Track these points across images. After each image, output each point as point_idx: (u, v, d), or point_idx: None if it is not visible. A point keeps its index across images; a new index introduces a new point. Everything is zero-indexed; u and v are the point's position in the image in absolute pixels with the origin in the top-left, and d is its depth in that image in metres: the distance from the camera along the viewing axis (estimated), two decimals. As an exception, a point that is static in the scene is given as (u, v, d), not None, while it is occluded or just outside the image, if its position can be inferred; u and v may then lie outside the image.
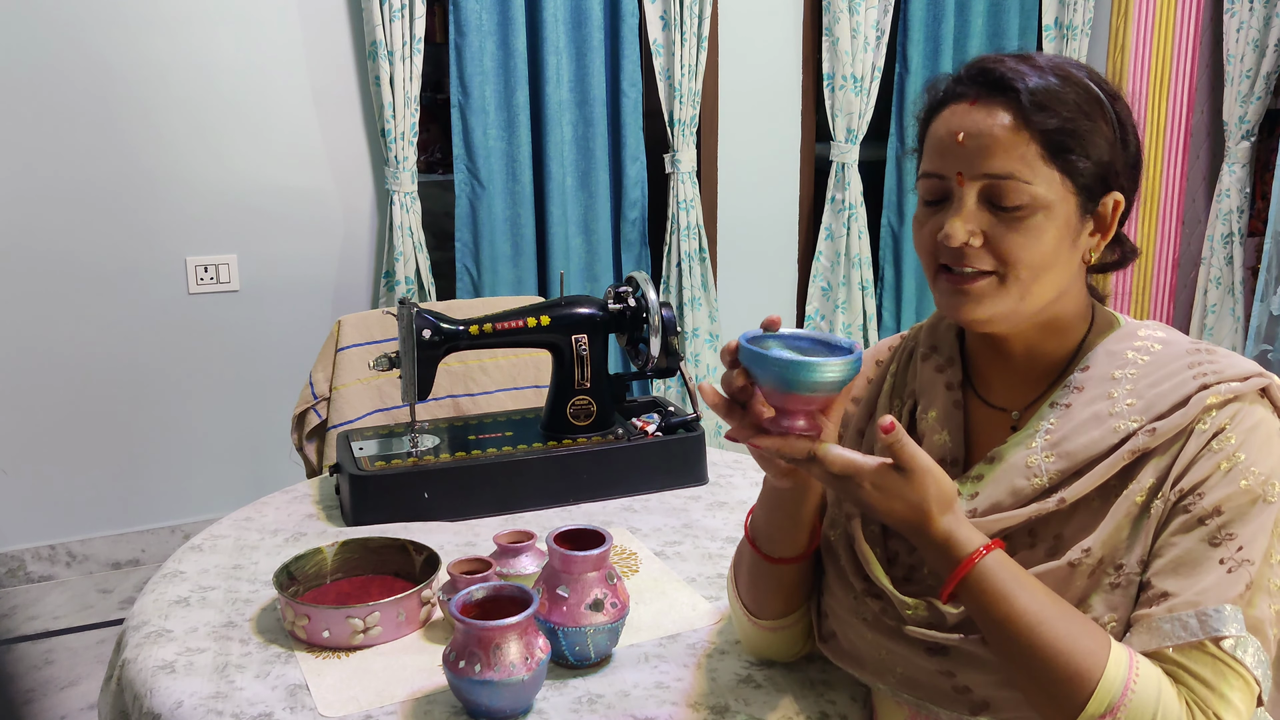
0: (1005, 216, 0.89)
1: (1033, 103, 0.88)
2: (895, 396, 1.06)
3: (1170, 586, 0.85)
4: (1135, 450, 0.88)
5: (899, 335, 1.13)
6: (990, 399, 1.00)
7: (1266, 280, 3.30)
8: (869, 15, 3.32)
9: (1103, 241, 0.94)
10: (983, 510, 0.93)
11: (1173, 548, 0.86)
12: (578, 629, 1.06)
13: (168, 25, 2.66)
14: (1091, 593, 0.87)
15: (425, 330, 1.53)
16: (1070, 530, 0.90)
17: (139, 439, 2.84)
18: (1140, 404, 0.89)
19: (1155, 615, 0.84)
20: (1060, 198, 0.89)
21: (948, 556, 0.87)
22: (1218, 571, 0.84)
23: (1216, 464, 0.86)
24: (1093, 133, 0.90)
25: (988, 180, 0.89)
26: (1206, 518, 0.85)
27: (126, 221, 2.72)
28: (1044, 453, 0.91)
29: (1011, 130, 0.88)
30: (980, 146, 0.89)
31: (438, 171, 4.23)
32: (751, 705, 1.04)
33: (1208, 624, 0.82)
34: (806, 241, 3.59)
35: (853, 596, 0.99)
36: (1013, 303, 0.91)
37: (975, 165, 0.89)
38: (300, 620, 1.14)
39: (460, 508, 1.51)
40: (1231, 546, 0.84)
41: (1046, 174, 0.88)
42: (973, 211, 0.90)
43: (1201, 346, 0.93)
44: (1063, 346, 0.97)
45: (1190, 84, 3.51)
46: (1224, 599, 0.83)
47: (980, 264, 0.91)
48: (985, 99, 0.90)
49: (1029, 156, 0.88)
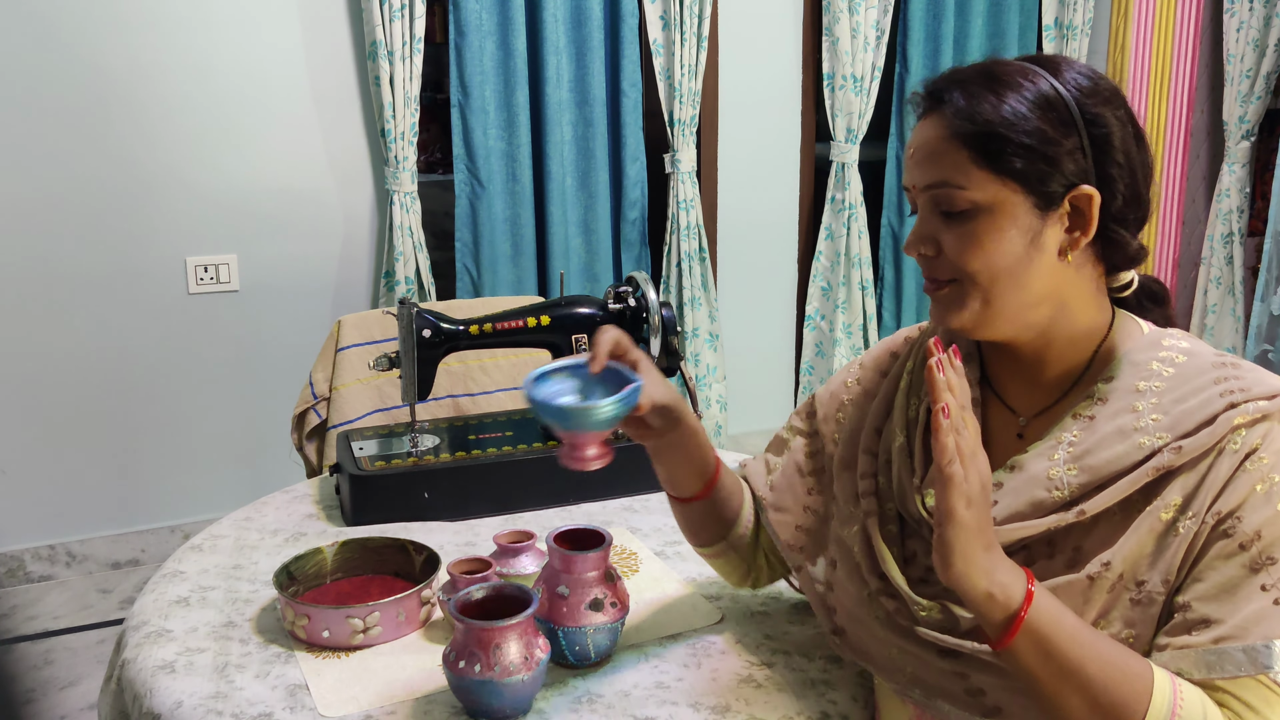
0: (952, 224, 0.91)
1: (955, 111, 0.90)
2: (913, 394, 1.05)
3: (1213, 613, 0.83)
4: (1160, 468, 0.87)
5: (916, 327, 1.12)
6: (1007, 401, 1.00)
7: (1266, 280, 3.30)
8: (869, 15, 3.32)
9: (1083, 238, 0.91)
10: (1001, 519, 0.92)
11: (1213, 572, 0.84)
12: (578, 629, 1.06)
13: (168, 25, 2.66)
14: (1111, 608, 0.86)
15: (425, 330, 1.53)
16: (1090, 543, 0.89)
17: (139, 439, 2.84)
18: (1166, 420, 0.88)
19: (1199, 646, 0.83)
20: (1003, 199, 0.89)
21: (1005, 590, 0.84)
22: (1261, 599, 0.82)
23: (1253, 486, 0.84)
24: (1031, 135, 0.88)
25: (929, 190, 0.92)
26: (1247, 543, 0.83)
27: (126, 222, 2.72)
28: (1066, 465, 0.90)
29: (943, 139, 0.91)
30: (921, 158, 0.93)
31: (438, 171, 4.23)
32: (751, 705, 1.04)
33: (1257, 660, 0.81)
34: (806, 241, 3.59)
35: (866, 594, 0.99)
36: (980, 307, 0.92)
37: (919, 177, 0.93)
38: (300, 620, 1.14)
39: (460, 508, 1.51)
40: (1275, 572, 0.82)
41: (980, 177, 0.89)
42: (925, 221, 0.94)
43: (1227, 360, 0.91)
44: (1075, 354, 0.95)
45: (1190, 84, 3.51)
46: (1272, 635, 0.81)
47: (939, 273, 0.94)
48: (927, 113, 0.94)
49: (960, 163, 0.90)
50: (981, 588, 0.83)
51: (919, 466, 1.00)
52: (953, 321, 0.94)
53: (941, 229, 0.92)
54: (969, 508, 0.83)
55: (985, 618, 0.85)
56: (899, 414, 1.04)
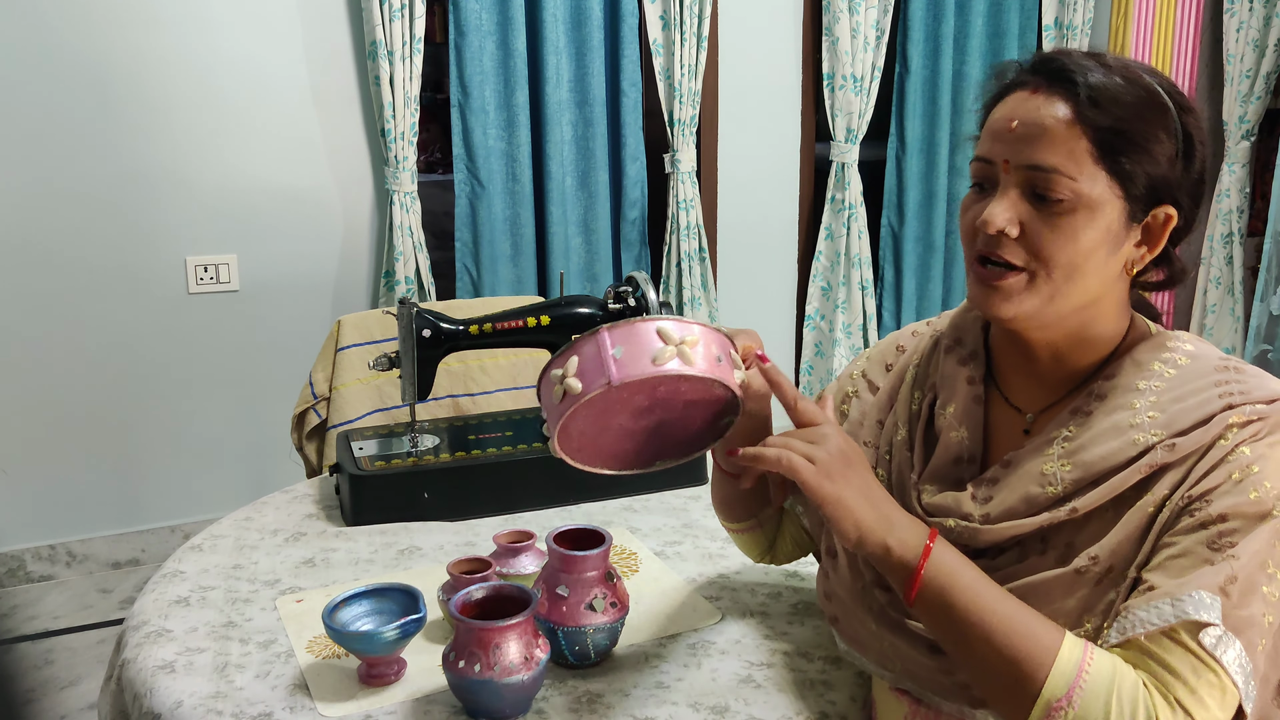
0: (1045, 210, 0.87)
1: (1090, 98, 0.86)
2: (917, 388, 1.04)
3: (1156, 580, 0.83)
4: (1153, 465, 0.86)
5: (925, 321, 1.12)
6: (1011, 398, 0.99)
7: (1266, 280, 3.30)
8: (869, 15, 3.32)
9: (1149, 255, 0.91)
10: (995, 516, 0.92)
11: (1169, 547, 0.84)
12: (578, 629, 1.06)
13: (168, 25, 2.66)
14: (1097, 602, 0.86)
15: (425, 330, 1.53)
16: (1082, 539, 0.88)
17: (139, 439, 2.84)
18: (1163, 418, 0.87)
19: (1131, 605, 0.83)
20: (1105, 200, 0.87)
21: (903, 545, 0.88)
22: (1202, 569, 0.82)
23: (1229, 474, 0.84)
24: (1150, 140, 0.87)
25: (1032, 171, 0.88)
26: (1210, 523, 0.83)
27: (126, 221, 2.72)
28: (1060, 461, 0.90)
29: (1064, 123, 0.87)
30: (1030, 135, 0.88)
31: (438, 171, 4.23)
32: (751, 705, 1.04)
33: (1180, 607, 0.80)
34: (806, 241, 3.59)
35: (860, 585, 0.99)
36: (1041, 302, 0.89)
37: (1022, 154, 0.88)
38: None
39: (460, 508, 1.51)
40: (1227, 553, 0.82)
41: (1094, 173, 0.86)
42: (1014, 201, 0.89)
43: (1231, 364, 0.90)
44: (1090, 357, 0.94)
45: (1190, 84, 3.51)
46: (1200, 586, 0.81)
47: (1013, 257, 0.89)
48: (1045, 89, 0.89)
49: (1078, 152, 0.86)
50: (878, 540, 0.88)
51: (918, 462, 1.00)
52: (1008, 310, 0.90)
53: (1031, 213, 0.88)
54: (832, 481, 0.88)
55: (890, 573, 0.89)
56: (902, 407, 1.04)
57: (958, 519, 0.93)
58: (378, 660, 1.07)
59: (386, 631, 1.04)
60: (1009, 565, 0.91)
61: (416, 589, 1.11)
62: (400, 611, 1.10)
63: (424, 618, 1.07)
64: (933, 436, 1.01)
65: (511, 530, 1.25)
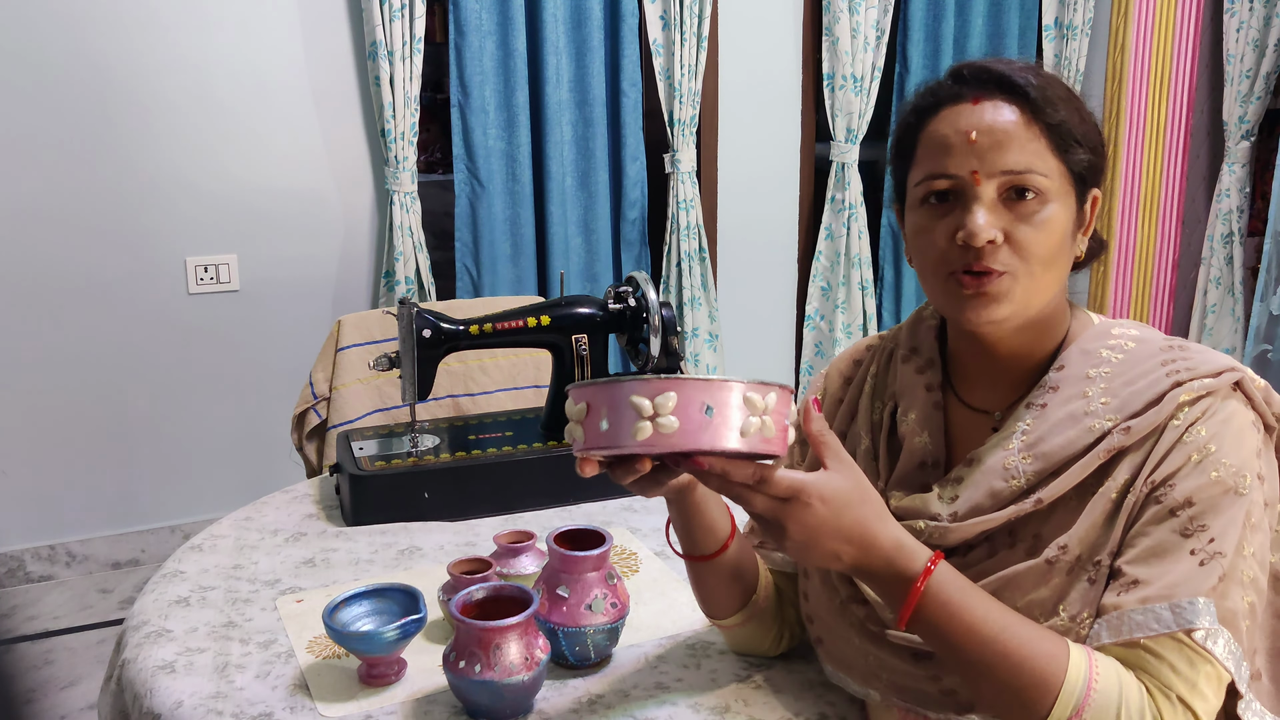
0: (1023, 211, 0.89)
1: (1040, 98, 0.90)
2: (875, 398, 1.06)
3: (1141, 574, 0.84)
4: (1111, 449, 0.88)
5: (877, 335, 1.13)
6: (971, 401, 1.00)
7: (1266, 280, 3.30)
8: (869, 15, 3.32)
9: (1084, 237, 0.95)
10: (963, 514, 0.93)
11: (1144, 537, 0.86)
12: (578, 629, 1.06)
13: (168, 25, 2.67)
14: (1070, 590, 0.87)
15: (425, 330, 1.53)
16: (1049, 529, 0.90)
17: (139, 439, 2.84)
18: (1115, 403, 0.90)
19: (1126, 606, 0.84)
20: (1065, 191, 0.91)
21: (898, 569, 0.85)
22: (1189, 562, 0.83)
23: (1188, 456, 0.86)
24: (1083, 128, 0.92)
25: (1007, 176, 0.89)
26: (1178, 509, 0.85)
27: (127, 222, 2.72)
28: (1021, 454, 0.91)
29: (1023, 125, 0.89)
30: (996, 143, 0.89)
31: (438, 171, 4.23)
32: (751, 705, 1.04)
33: (1181, 616, 0.82)
34: (806, 241, 3.59)
35: (838, 601, 1.00)
36: (1024, 298, 0.91)
37: (994, 162, 0.89)
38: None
39: (460, 508, 1.51)
40: (1203, 538, 0.84)
41: (1055, 167, 0.90)
42: (992, 208, 0.90)
43: (1175, 344, 0.93)
44: (1044, 347, 0.97)
45: (1190, 84, 3.51)
46: (1197, 592, 0.82)
47: (998, 263, 0.89)
48: (989, 97, 0.91)
49: (1041, 150, 0.89)
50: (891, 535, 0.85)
51: (884, 470, 1.01)
52: (997, 314, 0.90)
53: (1009, 217, 0.89)
54: (809, 554, 0.84)
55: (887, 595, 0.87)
56: (863, 418, 1.05)
57: (926, 520, 0.94)
58: (378, 660, 1.07)
59: (387, 632, 1.04)
60: (980, 561, 0.92)
61: (417, 589, 1.11)
62: (400, 612, 1.10)
63: (424, 618, 1.07)
64: (896, 444, 1.02)
65: (512, 530, 1.25)
